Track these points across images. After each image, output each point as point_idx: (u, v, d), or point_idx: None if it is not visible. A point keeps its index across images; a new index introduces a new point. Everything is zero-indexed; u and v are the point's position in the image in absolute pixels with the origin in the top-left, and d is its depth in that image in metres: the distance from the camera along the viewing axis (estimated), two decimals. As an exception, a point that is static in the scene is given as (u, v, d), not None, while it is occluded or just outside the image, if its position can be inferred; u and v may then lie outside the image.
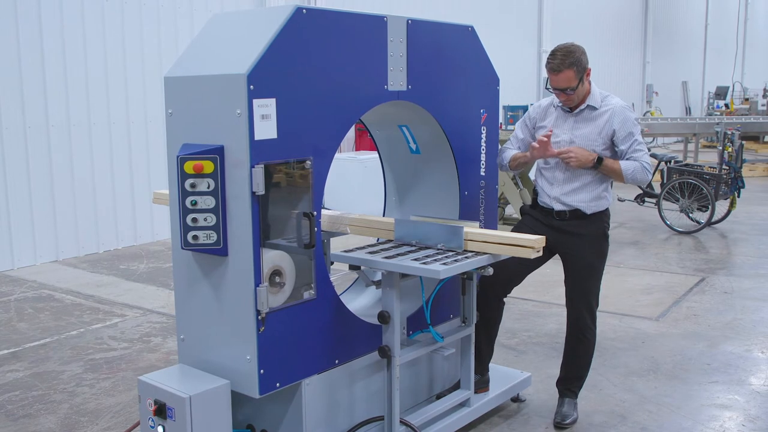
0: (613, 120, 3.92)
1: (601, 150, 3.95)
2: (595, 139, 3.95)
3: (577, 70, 3.81)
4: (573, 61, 3.80)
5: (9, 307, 6.59)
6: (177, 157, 3.01)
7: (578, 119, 4.00)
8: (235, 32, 3.25)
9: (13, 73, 7.87)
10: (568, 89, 3.84)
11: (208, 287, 3.22)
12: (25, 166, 8.05)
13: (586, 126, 3.97)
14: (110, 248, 8.90)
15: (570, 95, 3.87)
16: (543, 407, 4.35)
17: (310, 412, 3.37)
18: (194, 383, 3.12)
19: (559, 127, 4.02)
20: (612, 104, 3.96)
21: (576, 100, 3.93)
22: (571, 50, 3.83)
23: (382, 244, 3.68)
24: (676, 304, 6.49)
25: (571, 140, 3.97)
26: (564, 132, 4.00)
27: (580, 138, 3.96)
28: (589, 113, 3.97)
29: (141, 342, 5.63)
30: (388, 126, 4.20)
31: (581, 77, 3.85)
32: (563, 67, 3.79)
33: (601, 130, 3.94)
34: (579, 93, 3.90)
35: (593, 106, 3.96)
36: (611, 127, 3.92)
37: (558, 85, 3.84)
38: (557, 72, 3.81)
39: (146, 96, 9.07)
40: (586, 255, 4.01)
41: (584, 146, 3.94)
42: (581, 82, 3.85)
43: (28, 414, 4.38)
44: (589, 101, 3.96)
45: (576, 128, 3.98)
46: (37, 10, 8.00)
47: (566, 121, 4.02)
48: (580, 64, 3.83)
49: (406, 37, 3.61)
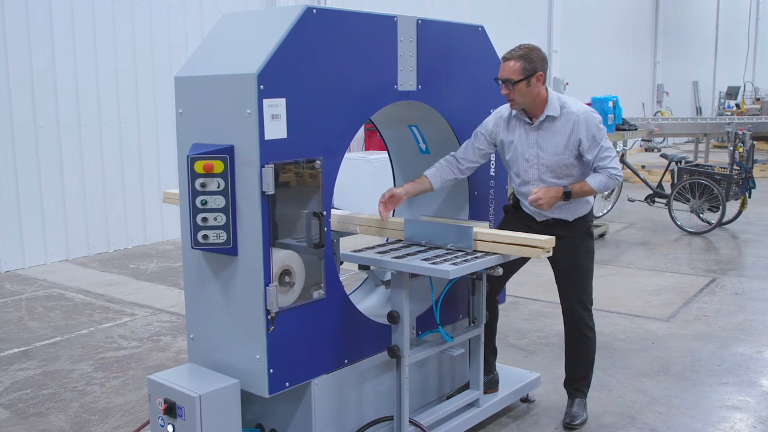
0: (578, 129, 3.78)
1: (572, 160, 3.82)
2: (563, 152, 3.81)
3: (524, 65, 3.67)
4: (523, 55, 3.69)
5: (20, 305, 6.63)
6: (187, 157, 3.02)
7: (540, 133, 3.84)
8: (245, 32, 3.25)
9: (25, 73, 7.91)
10: (508, 81, 3.68)
11: (218, 286, 3.22)
12: (36, 166, 8.09)
13: (550, 139, 3.82)
14: (120, 247, 8.93)
15: (510, 90, 3.70)
16: (553, 408, 4.34)
17: (320, 411, 3.37)
18: (204, 382, 3.12)
19: (522, 141, 3.87)
20: (574, 111, 3.79)
21: (517, 102, 3.76)
22: (529, 47, 3.74)
23: (392, 244, 3.68)
24: (687, 304, 6.46)
25: (538, 155, 3.84)
26: (531, 146, 3.86)
27: (548, 153, 3.82)
28: (550, 124, 3.82)
29: (151, 341, 5.65)
30: (398, 126, 4.20)
31: (528, 76, 3.68)
32: (512, 57, 3.70)
33: (567, 141, 3.80)
34: (523, 94, 3.71)
35: (552, 116, 3.80)
36: (577, 136, 3.78)
37: (501, 74, 3.72)
38: (506, 60, 3.72)
39: (156, 96, 9.10)
40: (572, 255, 3.96)
41: (554, 161, 3.82)
42: (527, 82, 3.69)
43: (38, 412, 4.40)
44: (548, 111, 3.80)
45: (540, 142, 3.84)
46: (48, 11, 8.04)
47: (529, 135, 3.86)
48: (531, 62, 3.69)
49: (416, 37, 3.61)
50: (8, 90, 7.79)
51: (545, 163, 3.84)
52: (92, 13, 8.44)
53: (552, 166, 3.84)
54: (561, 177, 3.86)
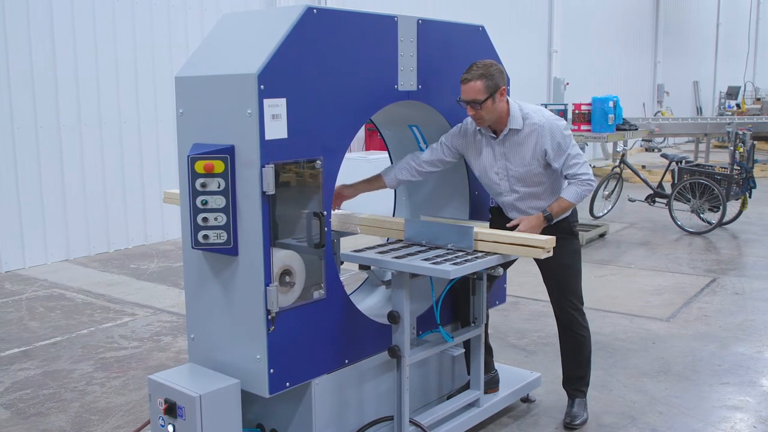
0: (542, 139, 3.74)
1: (540, 170, 3.80)
2: (530, 163, 3.79)
3: (486, 83, 3.61)
4: (484, 74, 3.62)
5: (20, 305, 6.63)
6: (188, 157, 3.02)
7: (506, 146, 3.81)
8: (246, 32, 3.26)
9: (25, 73, 7.91)
10: (474, 102, 3.62)
11: (219, 286, 3.22)
12: (36, 166, 8.09)
13: (516, 152, 3.80)
14: (121, 247, 8.93)
15: (477, 110, 3.65)
16: (553, 408, 4.34)
17: (320, 411, 3.37)
18: (204, 382, 3.12)
19: (489, 155, 3.86)
20: (536, 122, 3.75)
21: (485, 120, 3.71)
22: (486, 64, 3.66)
23: (392, 244, 3.68)
24: (687, 304, 6.46)
25: (506, 168, 3.83)
26: (498, 159, 3.84)
27: (516, 165, 3.81)
28: (514, 137, 3.79)
29: (151, 341, 5.65)
30: (399, 126, 4.20)
31: (492, 93, 3.63)
32: (472, 78, 3.62)
33: (534, 152, 3.77)
34: (490, 111, 3.68)
35: (515, 129, 3.77)
36: (542, 147, 3.75)
37: (466, 96, 3.64)
38: (465, 82, 3.64)
39: (157, 96, 9.10)
40: (558, 256, 3.79)
41: (522, 172, 3.80)
42: (492, 99, 3.64)
43: (39, 412, 4.41)
44: (511, 124, 3.76)
45: (507, 155, 3.82)
46: (49, 11, 8.04)
47: (495, 148, 3.84)
48: (492, 78, 3.63)
49: (417, 37, 3.61)
50: (9, 90, 7.79)
51: (514, 174, 3.84)
52: (92, 12, 8.44)
53: (521, 177, 3.84)
54: (532, 186, 3.86)
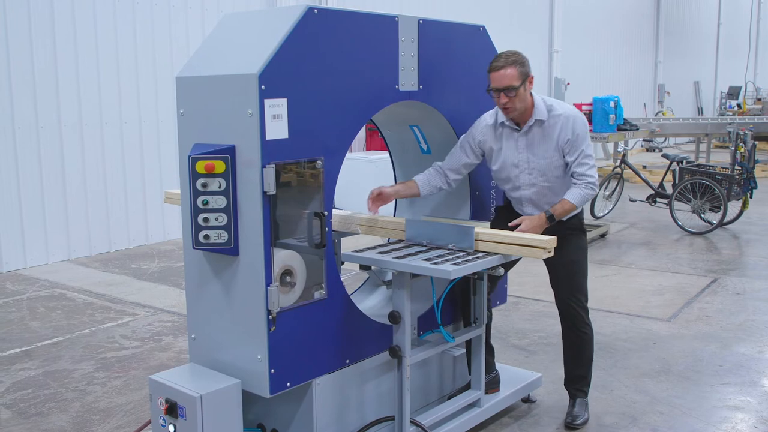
0: (565, 129, 3.75)
1: (562, 162, 3.80)
2: (552, 155, 3.79)
3: (519, 70, 3.66)
4: (516, 60, 3.67)
5: (21, 305, 6.63)
6: (188, 157, 3.02)
7: (529, 137, 3.81)
8: (247, 32, 3.26)
9: (26, 73, 7.92)
10: (510, 88, 3.63)
11: (219, 287, 3.22)
12: (37, 166, 8.10)
13: (539, 143, 3.80)
14: (122, 247, 8.94)
15: (511, 98, 3.66)
16: (554, 408, 4.34)
17: (321, 411, 3.37)
18: (205, 382, 3.13)
19: (511, 148, 3.85)
20: (561, 112, 3.78)
21: (516, 109, 3.71)
22: (515, 52, 3.72)
23: (393, 244, 3.68)
24: (688, 305, 6.46)
25: (528, 160, 3.82)
26: (520, 152, 3.83)
27: (538, 158, 3.80)
28: (538, 129, 3.80)
29: (152, 341, 5.65)
30: (399, 126, 4.20)
31: (524, 81, 3.67)
32: (506, 65, 3.64)
33: (557, 143, 3.77)
34: (522, 99, 3.69)
35: (541, 120, 3.78)
36: (565, 136, 3.75)
37: (500, 83, 3.65)
38: (498, 69, 3.65)
39: (158, 96, 9.10)
40: (566, 252, 3.89)
41: (545, 164, 3.80)
42: (523, 87, 3.67)
43: (40, 412, 4.41)
44: (536, 115, 3.77)
45: (531, 147, 3.81)
46: (50, 11, 8.05)
47: (518, 141, 3.83)
48: (523, 65, 3.69)
49: (418, 37, 3.61)
50: (10, 90, 7.79)
51: (536, 167, 3.83)
52: (93, 12, 8.44)
53: (543, 170, 3.83)
54: (551, 180, 3.84)
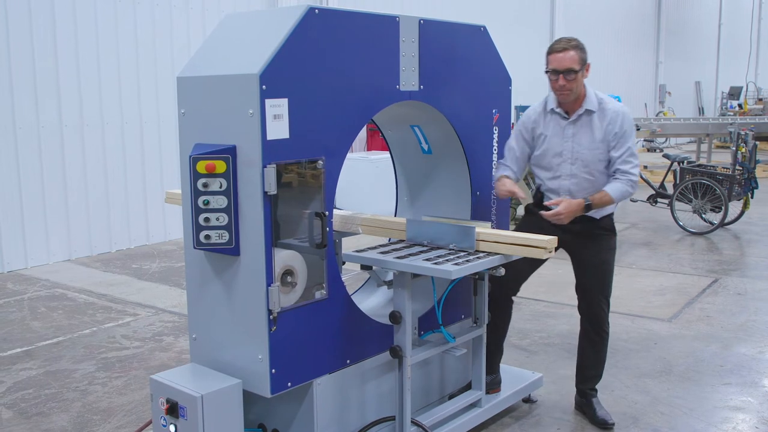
0: (614, 123, 3.81)
1: (606, 155, 3.84)
2: (598, 147, 3.84)
3: (580, 55, 3.74)
4: (578, 45, 3.76)
5: (22, 305, 6.63)
6: (189, 157, 3.02)
7: (577, 126, 3.87)
8: (248, 32, 3.26)
9: (27, 73, 7.92)
10: (570, 71, 3.71)
11: (220, 287, 3.22)
12: (38, 166, 8.11)
13: (586, 133, 3.85)
14: (123, 247, 8.94)
15: (569, 81, 3.73)
16: (555, 408, 4.33)
17: (322, 411, 3.37)
18: (206, 382, 3.13)
19: (557, 135, 3.91)
20: (611, 106, 3.85)
21: (572, 95, 3.79)
22: (574, 38, 3.81)
23: (394, 244, 3.68)
24: (689, 305, 6.45)
25: (572, 149, 3.86)
26: (565, 141, 3.89)
27: (583, 148, 3.85)
28: (587, 118, 3.85)
29: (153, 341, 5.65)
30: (400, 126, 4.19)
31: (582, 67, 3.76)
32: (569, 47, 3.73)
33: (604, 135, 3.82)
34: (579, 84, 3.77)
35: (591, 110, 3.84)
36: (612, 130, 3.81)
37: (560, 65, 3.72)
38: (562, 50, 3.73)
39: (159, 96, 9.11)
40: (597, 252, 3.97)
41: (589, 155, 3.84)
42: (581, 73, 3.76)
43: (41, 412, 4.41)
44: (587, 105, 3.84)
45: (577, 136, 3.86)
46: (51, 11, 8.05)
47: (565, 129, 3.89)
48: (584, 51, 3.78)
49: (419, 37, 3.61)
50: (11, 90, 7.80)
51: (580, 157, 3.86)
52: (94, 13, 8.45)
53: (586, 161, 3.86)
54: (593, 173, 3.87)
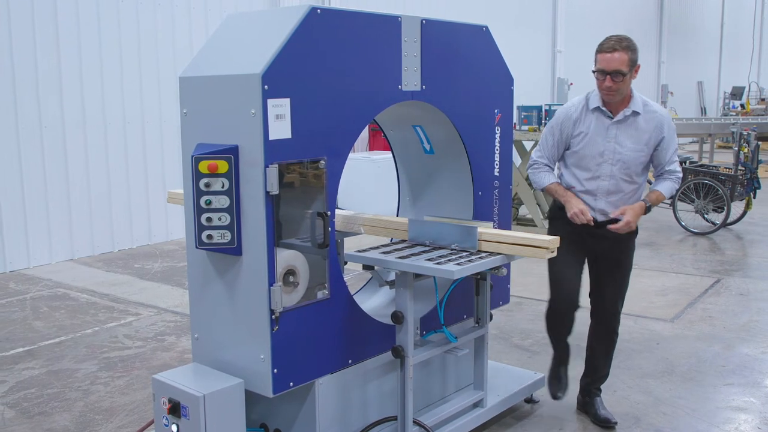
0: (661, 127, 3.79)
1: (646, 158, 3.84)
2: (642, 149, 3.81)
3: (631, 57, 3.65)
4: (629, 46, 3.66)
5: (25, 305, 6.64)
6: (192, 157, 3.02)
7: (621, 126, 3.80)
8: (250, 32, 3.26)
9: (29, 73, 7.93)
10: (618, 73, 3.63)
11: (222, 286, 3.23)
12: (41, 166, 8.12)
13: (631, 134, 3.79)
14: (125, 247, 8.95)
15: (617, 83, 3.65)
16: (557, 408, 4.33)
17: (324, 411, 3.37)
18: (208, 382, 3.13)
19: (600, 135, 3.82)
20: (656, 110, 3.82)
21: (618, 95, 3.72)
22: (627, 38, 3.71)
23: (396, 244, 3.68)
24: (691, 305, 6.45)
25: (615, 150, 3.80)
26: (608, 141, 3.81)
27: (627, 149, 3.79)
28: (633, 119, 3.79)
29: (155, 341, 5.65)
30: (402, 126, 4.19)
31: (631, 69, 3.67)
32: (620, 48, 3.63)
33: (649, 138, 3.79)
34: (626, 86, 3.71)
35: (637, 111, 3.78)
36: (660, 134, 3.79)
37: (608, 65, 3.63)
38: (611, 51, 3.63)
39: (161, 96, 9.11)
40: (619, 252, 3.98)
41: (631, 157, 3.79)
42: (630, 75, 3.67)
43: (43, 411, 4.41)
44: (633, 106, 3.77)
45: (620, 137, 3.80)
46: (53, 11, 8.06)
47: (608, 130, 3.81)
48: (635, 53, 3.69)
49: (420, 37, 3.61)
50: (13, 90, 7.81)
51: (622, 158, 3.80)
52: (97, 13, 8.46)
53: (628, 163, 3.81)
54: (631, 175, 3.85)
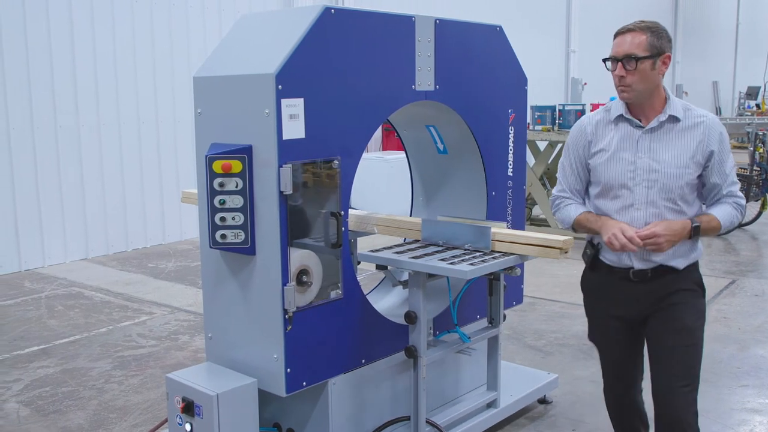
0: (711, 136, 2.90)
1: (694, 179, 2.92)
2: (687, 165, 2.89)
3: (651, 41, 2.84)
4: (651, 27, 2.88)
5: (40, 304, 6.69)
6: (206, 157, 3.04)
7: (656, 137, 2.93)
8: (264, 32, 3.27)
9: (45, 74, 7.99)
10: (629, 57, 2.83)
11: (236, 286, 3.24)
12: (55, 165, 8.17)
13: (670, 146, 2.91)
14: (139, 247, 8.99)
15: (630, 71, 2.84)
16: (570, 409, 4.31)
17: (337, 411, 3.37)
18: (222, 381, 3.14)
19: (628, 149, 2.96)
20: (703, 115, 2.93)
21: (634, 90, 2.87)
22: (653, 21, 2.94)
23: (409, 244, 3.67)
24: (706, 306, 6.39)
25: (650, 168, 2.92)
26: (640, 157, 2.93)
27: (666, 165, 2.90)
28: (672, 127, 2.92)
29: (169, 340, 5.68)
30: (416, 126, 4.19)
31: (655, 57, 2.84)
32: (635, 29, 2.87)
33: (695, 151, 2.89)
34: (644, 79, 2.85)
35: (675, 117, 2.92)
36: (708, 147, 2.89)
37: (619, 49, 2.87)
38: (624, 32, 2.89)
39: (175, 96, 9.15)
40: (681, 318, 2.94)
41: (673, 176, 2.89)
42: (653, 63, 2.84)
43: (58, 410, 4.44)
44: (670, 110, 2.92)
45: (655, 150, 2.92)
46: (68, 12, 8.11)
47: (639, 141, 2.94)
48: (660, 37, 2.86)
49: (434, 37, 3.60)
50: (29, 90, 7.87)
51: (660, 178, 2.91)
52: (111, 13, 8.51)
53: (669, 184, 2.92)
54: (678, 201, 2.93)
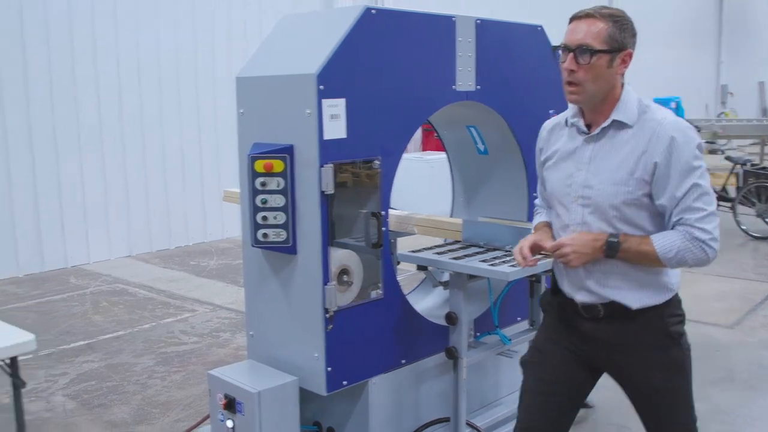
0: (654, 146, 2.32)
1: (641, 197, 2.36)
2: (626, 181, 2.35)
3: (612, 31, 2.34)
4: (612, 15, 2.37)
5: (85, 299, 6.82)
6: (248, 156, 3.06)
7: (598, 146, 2.43)
8: (305, 33, 3.29)
9: (89, 72, 8.15)
10: (582, 48, 2.33)
11: (277, 285, 3.26)
12: (100, 165, 8.34)
13: (610, 157, 2.39)
14: (181, 244, 9.12)
15: (581, 66, 2.34)
16: (612, 413, 4.25)
17: (376, 411, 3.37)
18: (263, 379, 3.17)
19: (569, 160, 2.50)
20: (658, 118, 2.35)
21: (584, 90, 2.37)
22: (618, 10, 2.42)
23: (450, 245, 3.66)
24: (752, 311, 6.27)
25: (585, 183, 2.43)
26: (579, 168, 2.46)
27: (601, 180, 2.39)
28: (616, 134, 2.40)
29: (211, 337, 5.74)
30: (456, 126, 4.18)
31: (614, 52, 2.34)
32: (594, 14, 2.36)
33: (635, 164, 2.34)
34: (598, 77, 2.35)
35: (622, 122, 2.39)
36: (651, 159, 2.31)
37: (571, 37, 2.36)
38: (578, 18, 2.39)
39: (216, 95, 9.26)
40: (645, 375, 2.51)
41: (608, 193, 2.37)
42: (609, 59, 2.34)
43: (102, 404, 4.53)
44: (616, 114, 2.39)
45: (596, 161, 2.42)
46: (113, 14, 8.26)
47: (582, 149, 2.47)
48: (622, 29, 2.36)
49: (475, 37, 3.59)
50: (74, 88, 8.04)
51: (594, 195, 2.41)
52: (155, 13, 8.64)
53: (602, 204, 2.40)
54: (614, 224, 2.40)
